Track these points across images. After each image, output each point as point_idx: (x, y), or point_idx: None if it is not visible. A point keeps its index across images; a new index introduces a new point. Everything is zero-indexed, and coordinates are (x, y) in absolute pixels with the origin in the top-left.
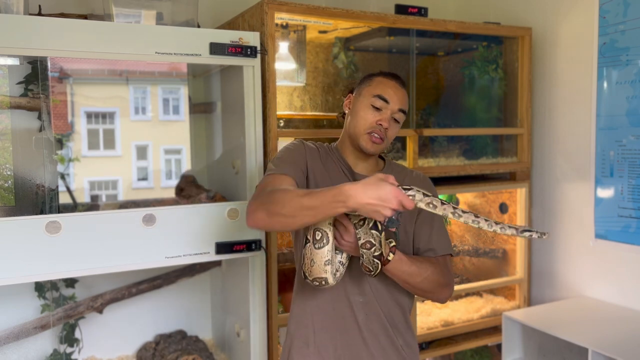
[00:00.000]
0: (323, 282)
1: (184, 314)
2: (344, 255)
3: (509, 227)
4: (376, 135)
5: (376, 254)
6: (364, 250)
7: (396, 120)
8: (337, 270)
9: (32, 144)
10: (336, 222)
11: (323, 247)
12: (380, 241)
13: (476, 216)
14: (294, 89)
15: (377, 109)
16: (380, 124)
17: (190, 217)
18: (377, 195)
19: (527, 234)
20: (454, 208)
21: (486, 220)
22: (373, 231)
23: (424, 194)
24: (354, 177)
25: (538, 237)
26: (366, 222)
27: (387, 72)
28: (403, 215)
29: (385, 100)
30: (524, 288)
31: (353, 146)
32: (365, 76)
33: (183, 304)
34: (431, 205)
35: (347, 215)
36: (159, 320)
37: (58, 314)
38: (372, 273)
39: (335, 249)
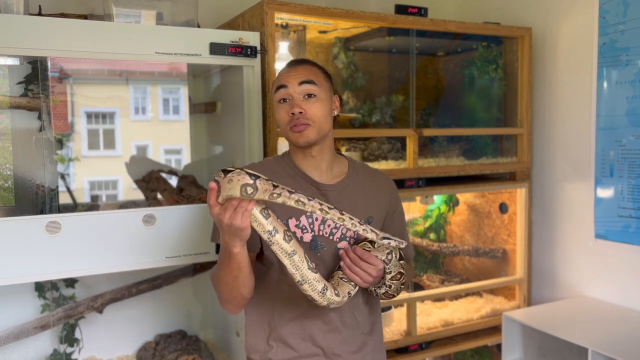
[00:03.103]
0: (313, 301)
1: (184, 314)
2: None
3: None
4: (296, 125)
5: (404, 281)
6: (394, 282)
7: (310, 95)
8: (332, 293)
9: (32, 144)
10: (362, 264)
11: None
12: (405, 268)
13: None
14: None
15: (284, 101)
16: (292, 113)
17: (190, 217)
18: (223, 229)
19: (385, 241)
20: (290, 192)
21: (330, 208)
22: (401, 262)
23: (265, 180)
24: (318, 187)
25: (395, 245)
26: (393, 255)
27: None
28: (373, 219)
29: (284, 86)
30: (523, 288)
31: (299, 151)
32: None
33: (183, 304)
34: (275, 195)
35: (367, 250)
36: (159, 320)
37: (58, 314)
38: (395, 297)
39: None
